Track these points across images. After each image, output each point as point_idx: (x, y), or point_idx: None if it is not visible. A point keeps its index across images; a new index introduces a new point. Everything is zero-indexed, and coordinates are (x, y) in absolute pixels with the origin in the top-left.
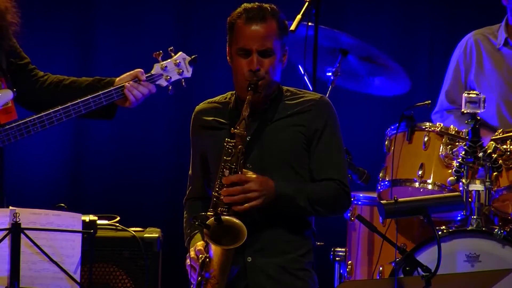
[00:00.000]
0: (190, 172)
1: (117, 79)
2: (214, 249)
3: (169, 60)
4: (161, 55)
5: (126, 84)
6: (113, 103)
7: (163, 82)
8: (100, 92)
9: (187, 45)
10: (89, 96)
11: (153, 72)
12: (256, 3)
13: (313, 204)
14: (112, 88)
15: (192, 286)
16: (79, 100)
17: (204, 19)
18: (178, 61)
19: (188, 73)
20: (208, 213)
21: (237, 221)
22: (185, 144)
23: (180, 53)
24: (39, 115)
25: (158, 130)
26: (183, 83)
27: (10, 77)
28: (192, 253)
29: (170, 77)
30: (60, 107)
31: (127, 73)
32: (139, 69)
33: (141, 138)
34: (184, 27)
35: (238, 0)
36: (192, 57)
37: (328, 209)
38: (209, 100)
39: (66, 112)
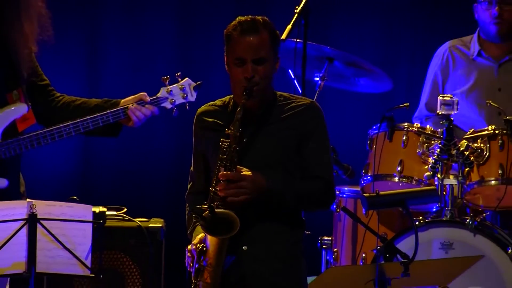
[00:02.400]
0: (191, 168)
1: (123, 100)
2: (210, 239)
3: (175, 84)
4: (168, 79)
5: (130, 106)
6: (118, 122)
7: (167, 105)
8: (108, 111)
9: (189, 53)
10: (97, 114)
11: (159, 95)
12: (250, 16)
13: (300, 199)
14: (119, 108)
15: (191, 274)
16: (88, 117)
17: (204, 31)
18: (183, 86)
19: (192, 97)
20: (204, 206)
21: (230, 212)
22: (185, 143)
23: (186, 79)
24: (49, 129)
25: (161, 130)
26: (187, 106)
27: (25, 89)
28: (189, 246)
29: (175, 101)
30: (70, 122)
31: (132, 96)
32: (143, 93)
33: (145, 137)
34: (185, 37)
35: (234, 12)
36: (197, 83)
37: (313, 204)
38: (210, 103)
39: (76, 127)
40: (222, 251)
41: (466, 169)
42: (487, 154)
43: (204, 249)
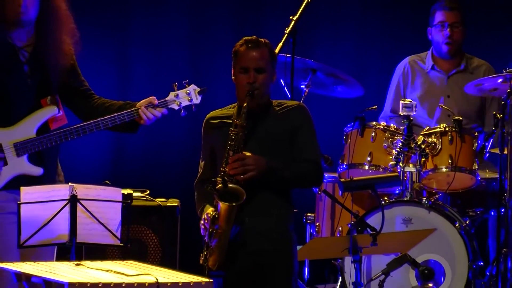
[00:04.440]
0: (200, 161)
1: (138, 103)
2: (221, 206)
3: (182, 90)
4: (176, 85)
5: (141, 107)
6: (134, 121)
7: (175, 106)
8: (124, 112)
9: (198, 66)
10: (115, 114)
11: (167, 98)
12: (254, 36)
13: (295, 176)
14: (132, 109)
15: (204, 238)
16: (107, 117)
17: (211, 48)
18: (188, 91)
19: (197, 100)
20: (218, 179)
21: (238, 187)
22: (196, 138)
23: (191, 85)
24: (75, 126)
25: (178, 127)
26: (193, 107)
27: (69, 94)
28: (204, 215)
29: (181, 103)
30: (92, 121)
31: (145, 99)
32: (153, 96)
33: (164, 133)
34: (195, 52)
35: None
36: (202, 88)
37: (306, 181)
38: (216, 110)
39: (96, 125)
40: (231, 217)
41: (423, 159)
42: (440, 147)
43: (216, 216)
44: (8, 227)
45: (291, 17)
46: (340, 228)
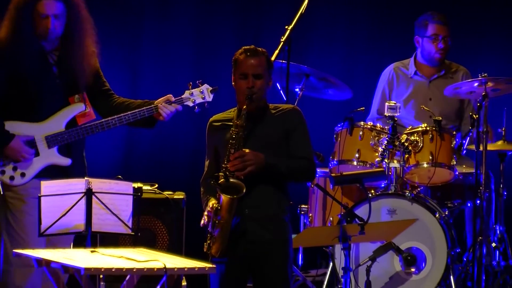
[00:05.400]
0: (206, 161)
1: (156, 101)
2: (223, 199)
3: (196, 89)
4: (191, 85)
5: (160, 104)
6: (152, 117)
7: (189, 103)
8: (144, 108)
9: (202, 71)
10: (136, 110)
11: (183, 96)
12: (252, 46)
13: (291, 172)
14: (152, 106)
15: (208, 228)
16: (129, 112)
17: (214, 55)
18: (201, 90)
19: (209, 98)
20: (221, 174)
21: (238, 181)
22: (201, 137)
23: (205, 84)
24: (100, 121)
25: (183, 128)
26: (206, 104)
27: (91, 93)
28: (209, 207)
29: (195, 100)
30: (115, 116)
31: (162, 97)
32: (170, 94)
33: (172, 133)
34: (201, 58)
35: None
36: (214, 87)
37: (301, 175)
38: (218, 114)
39: (120, 120)
40: (232, 209)
41: (406, 156)
42: (421, 145)
43: (219, 207)
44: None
45: (286, 27)
46: (331, 219)
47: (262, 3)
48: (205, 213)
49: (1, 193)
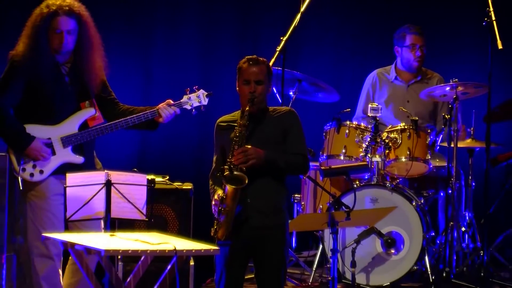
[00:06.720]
0: (214, 156)
1: (157, 106)
2: (228, 189)
3: (193, 93)
4: (189, 90)
5: (160, 106)
6: (154, 121)
7: (187, 107)
8: (147, 111)
9: (208, 76)
10: (141, 113)
11: (181, 100)
12: (254, 55)
13: (288, 165)
14: (154, 109)
15: (215, 214)
16: (134, 115)
17: (217, 62)
18: (198, 94)
19: (205, 102)
20: (225, 167)
21: (242, 173)
22: (205, 135)
23: (201, 90)
24: (109, 123)
25: (190, 126)
26: (202, 108)
27: (98, 101)
28: (216, 196)
29: (192, 104)
30: (122, 119)
31: (163, 102)
32: (169, 99)
33: (181, 130)
34: (206, 66)
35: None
36: (209, 92)
37: (296, 169)
38: (224, 116)
39: (126, 122)
40: (236, 198)
41: (386, 151)
42: (400, 141)
43: (224, 197)
44: (58, 207)
45: (281, 38)
46: (321, 206)
47: (260, 18)
48: (213, 202)
49: (21, 188)
